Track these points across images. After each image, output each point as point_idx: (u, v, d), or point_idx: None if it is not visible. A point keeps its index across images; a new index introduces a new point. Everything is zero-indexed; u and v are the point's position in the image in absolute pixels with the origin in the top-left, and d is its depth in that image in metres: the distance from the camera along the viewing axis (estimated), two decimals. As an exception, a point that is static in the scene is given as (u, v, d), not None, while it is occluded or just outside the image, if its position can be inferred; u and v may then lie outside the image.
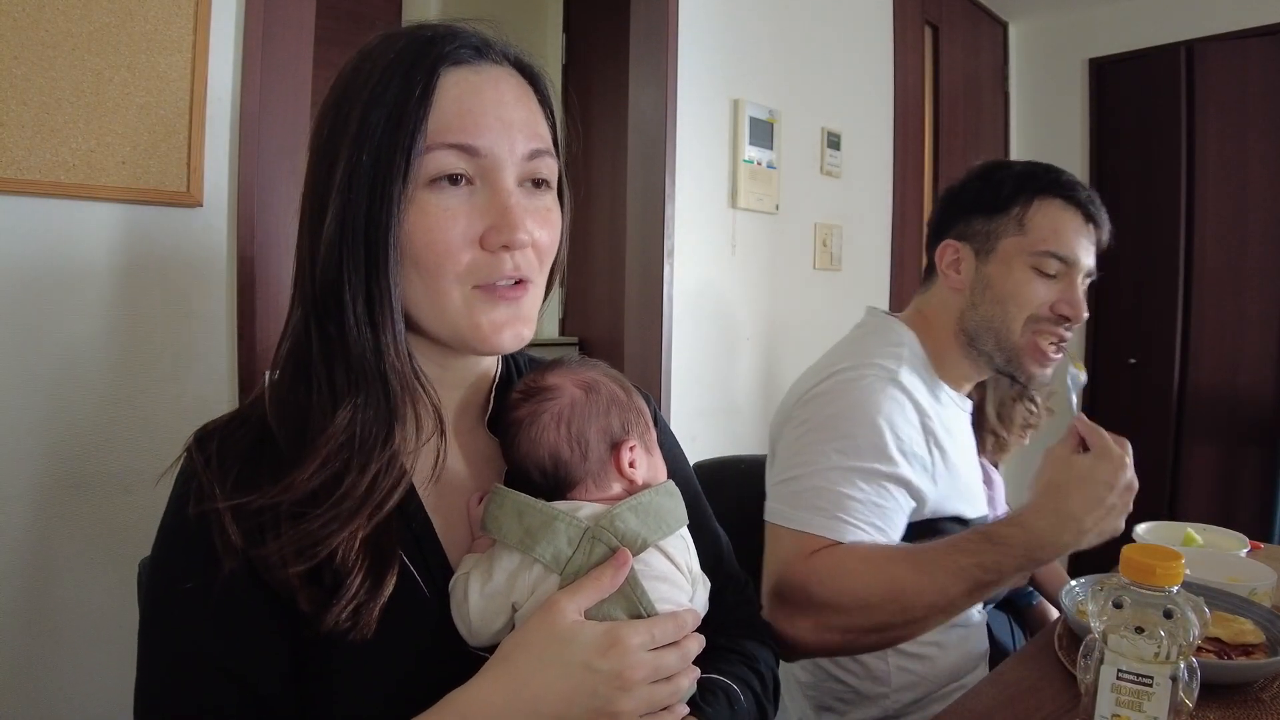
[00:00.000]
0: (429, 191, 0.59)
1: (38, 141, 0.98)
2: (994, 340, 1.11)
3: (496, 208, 0.60)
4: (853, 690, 1.11)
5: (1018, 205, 1.11)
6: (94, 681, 1.06)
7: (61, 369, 1.02)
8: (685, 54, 1.87)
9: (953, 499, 1.08)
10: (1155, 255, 3.02)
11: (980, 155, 3.17)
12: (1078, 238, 1.10)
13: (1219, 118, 2.90)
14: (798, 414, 1.08)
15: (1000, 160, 1.21)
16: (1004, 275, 1.10)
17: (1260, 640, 0.86)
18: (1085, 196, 1.12)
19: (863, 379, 1.06)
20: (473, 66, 0.62)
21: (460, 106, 0.60)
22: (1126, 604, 0.61)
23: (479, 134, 0.59)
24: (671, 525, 0.65)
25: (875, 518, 0.98)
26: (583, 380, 0.67)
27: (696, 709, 0.63)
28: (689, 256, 1.90)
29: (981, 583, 0.90)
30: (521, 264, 0.62)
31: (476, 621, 0.59)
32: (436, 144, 0.59)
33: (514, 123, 0.61)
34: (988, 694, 0.81)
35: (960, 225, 1.16)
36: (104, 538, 1.05)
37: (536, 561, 0.59)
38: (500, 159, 0.60)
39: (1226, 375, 2.92)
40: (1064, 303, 1.09)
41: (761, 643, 0.78)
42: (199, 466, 0.59)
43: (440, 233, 0.59)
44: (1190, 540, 1.21)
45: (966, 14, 3.12)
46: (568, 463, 0.64)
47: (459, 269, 0.60)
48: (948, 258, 1.16)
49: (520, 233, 0.60)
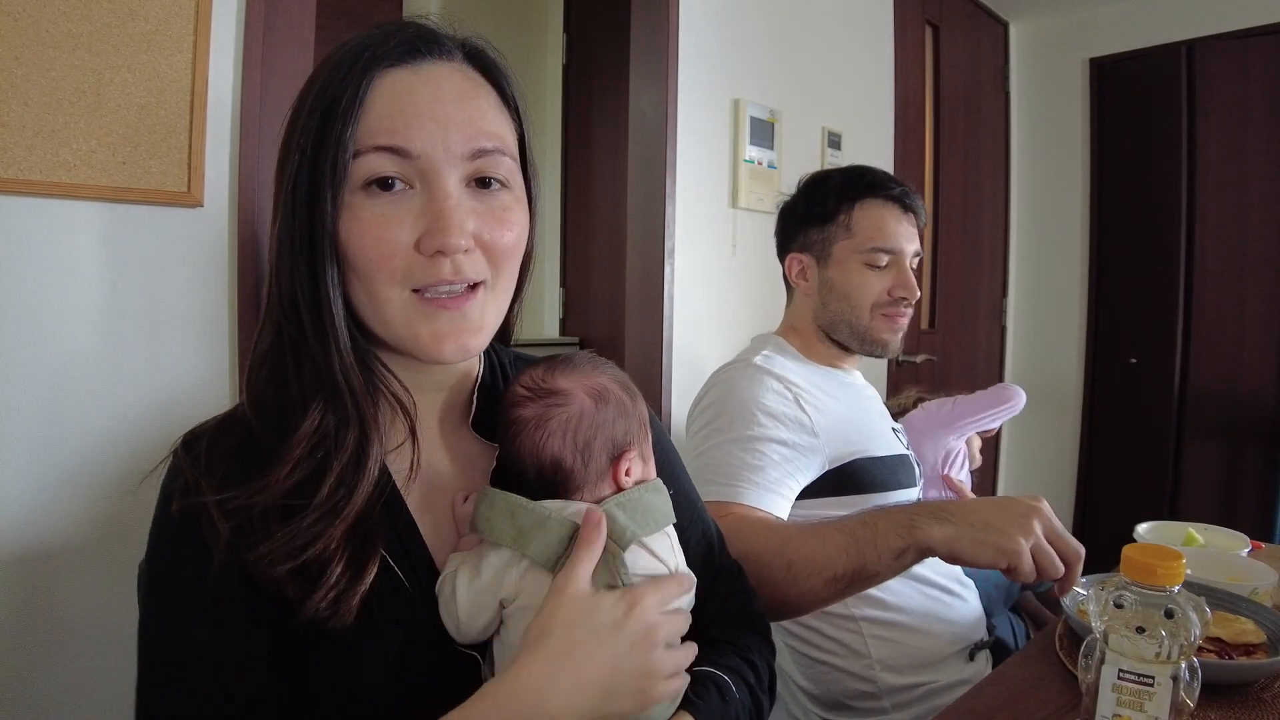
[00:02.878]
0: (362, 196, 0.58)
1: (38, 142, 0.98)
2: (848, 330, 1.28)
3: (432, 211, 0.58)
4: (842, 671, 1.16)
5: (842, 212, 1.28)
6: (94, 682, 1.06)
7: (62, 369, 1.02)
8: (686, 54, 1.87)
9: (851, 443, 1.19)
10: (1156, 255, 3.02)
11: (981, 155, 3.20)
12: (899, 228, 1.26)
13: (1219, 117, 2.90)
14: (689, 420, 1.26)
15: (822, 172, 1.37)
16: (843, 276, 1.27)
17: (1261, 640, 0.86)
18: (899, 191, 1.28)
19: (726, 375, 1.24)
20: (411, 66, 0.60)
21: (392, 108, 0.58)
22: (1128, 604, 0.61)
23: (410, 136, 0.58)
24: (659, 521, 0.65)
25: (754, 475, 1.08)
26: (594, 388, 0.66)
27: (687, 702, 0.63)
28: (690, 256, 1.90)
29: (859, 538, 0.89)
30: (465, 268, 0.60)
31: (464, 618, 0.59)
32: (366, 147, 0.58)
33: (452, 122, 0.59)
34: (989, 693, 0.81)
35: (800, 238, 1.33)
36: (104, 538, 1.05)
37: (526, 559, 0.60)
38: (434, 160, 0.58)
39: (1227, 375, 2.92)
40: (898, 287, 1.26)
41: (755, 633, 0.77)
42: (185, 465, 0.59)
43: (372, 238, 0.58)
44: (1191, 540, 1.21)
45: (967, 14, 3.12)
46: (569, 470, 0.63)
47: (394, 275, 0.59)
48: (795, 269, 1.34)
49: (454, 236, 0.58)
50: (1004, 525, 0.80)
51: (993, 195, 3.31)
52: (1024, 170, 3.39)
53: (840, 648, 1.17)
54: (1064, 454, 3.26)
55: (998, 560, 0.79)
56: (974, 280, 3.21)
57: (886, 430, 1.29)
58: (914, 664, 1.15)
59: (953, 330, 3.10)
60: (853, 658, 1.16)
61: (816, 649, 1.19)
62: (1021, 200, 3.40)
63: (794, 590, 0.91)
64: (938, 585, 1.22)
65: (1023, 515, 0.80)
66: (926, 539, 0.84)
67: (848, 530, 0.91)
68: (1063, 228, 3.28)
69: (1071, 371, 3.26)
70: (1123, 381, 3.12)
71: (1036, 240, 3.36)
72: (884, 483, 1.19)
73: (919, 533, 0.85)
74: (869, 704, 1.15)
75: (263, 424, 0.61)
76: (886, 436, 1.27)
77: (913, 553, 0.86)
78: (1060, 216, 3.29)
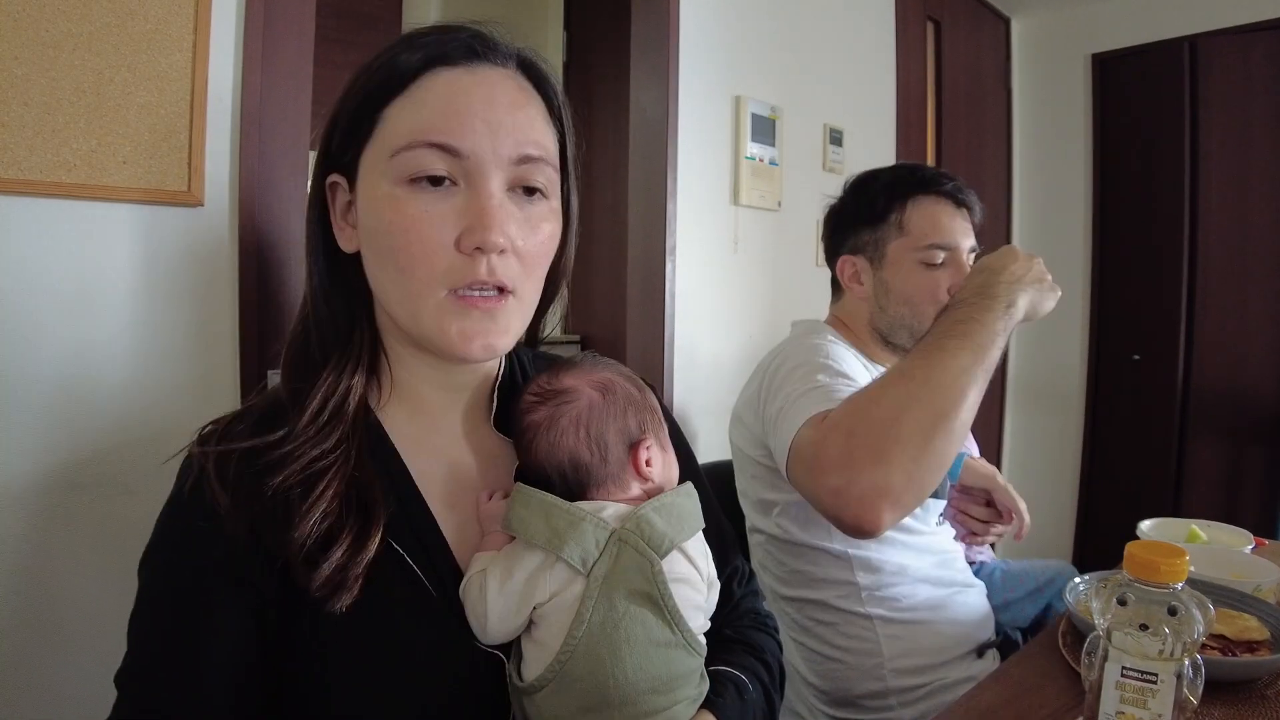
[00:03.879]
0: (406, 190, 0.59)
1: (39, 142, 0.98)
2: (908, 334, 1.24)
3: (475, 209, 0.59)
4: (853, 669, 1.16)
5: (894, 211, 1.25)
6: (94, 682, 1.05)
7: (62, 369, 1.02)
8: (686, 51, 1.86)
9: None
10: (1158, 251, 3.01)
11: (983, 151, 3.19)
12: (953, 223, 1.24)
13: (1222, 113, 2.89)
14: (763, 394, 1.15)
15: (869, 172, 1.33)
16: (899, 277, 1.24)
17: (1264, 637, 0.86)
18: (951, 186, 1.25)
19: (801, 345, 1.18)
20: (467, 68, 0.61)
21: (447, 106, 0.59)
22: (1131, 601, 0.60)
23: (462, 135, 0.58)
24: (693, 526, 0.65)
25: (840, 385, 1.05)
26: (598, 381, 0.66)
27: (708, 702, 0.64)
28: (691, 254, 1.90)
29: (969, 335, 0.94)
30: (499, 269, 0.60)
31: (494, 619, 0.59)
32: (418, 141, 0.58)
33: (502, 126, 0.60)
34: (992, 691, 0.81)
35: (851, 240, 1.30)
36: (105, 538, 1.05)
37: (561, 562, 0.59)
38: (482, 160, 0.59)
39: (1231, 372, 2.91)
40: (958, 285, 1.20)
41: (766, 633, 0.78)
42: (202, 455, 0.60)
43: (416, 234, 0.58)
44: (1194, 537, 1.21)
45: (969, 9, 3.11)
46: (588, 465, 0.63)
47: (434, 272, 0.59)
48: (848, 272, 1.30)
49: (495, 234, 0.58)
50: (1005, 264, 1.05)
51: (995, 192, 3.30)
52: (1026, 166, 3.38)
53: (853, 646, 1.17)
54: (1067, 451, 3.25)
55: None
56: (976, 277, 3.20)
57: None
58: (924, 663, 1.15)
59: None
60: (864, 656, 1.16)
61: (828, 646, 1.19)
62: (1024, 196, 3.39)
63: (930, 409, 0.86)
64: (948, 583, 1.22)
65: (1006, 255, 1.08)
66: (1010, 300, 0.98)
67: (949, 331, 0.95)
68: (1065, 224, 3.28)
69: (1074, 368, 3.25)
70: (1125, 378, 3.11)
71: (1039, 237, 3.35)
72: None
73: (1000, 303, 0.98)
74: (876, 701, 1.15)
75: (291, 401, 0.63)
76: None
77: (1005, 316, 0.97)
78: (1062, 213, 3.28)
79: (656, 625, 0.60)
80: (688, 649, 0.62)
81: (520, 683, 0.60)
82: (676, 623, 0.60)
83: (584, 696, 0.57)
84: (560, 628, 0.58)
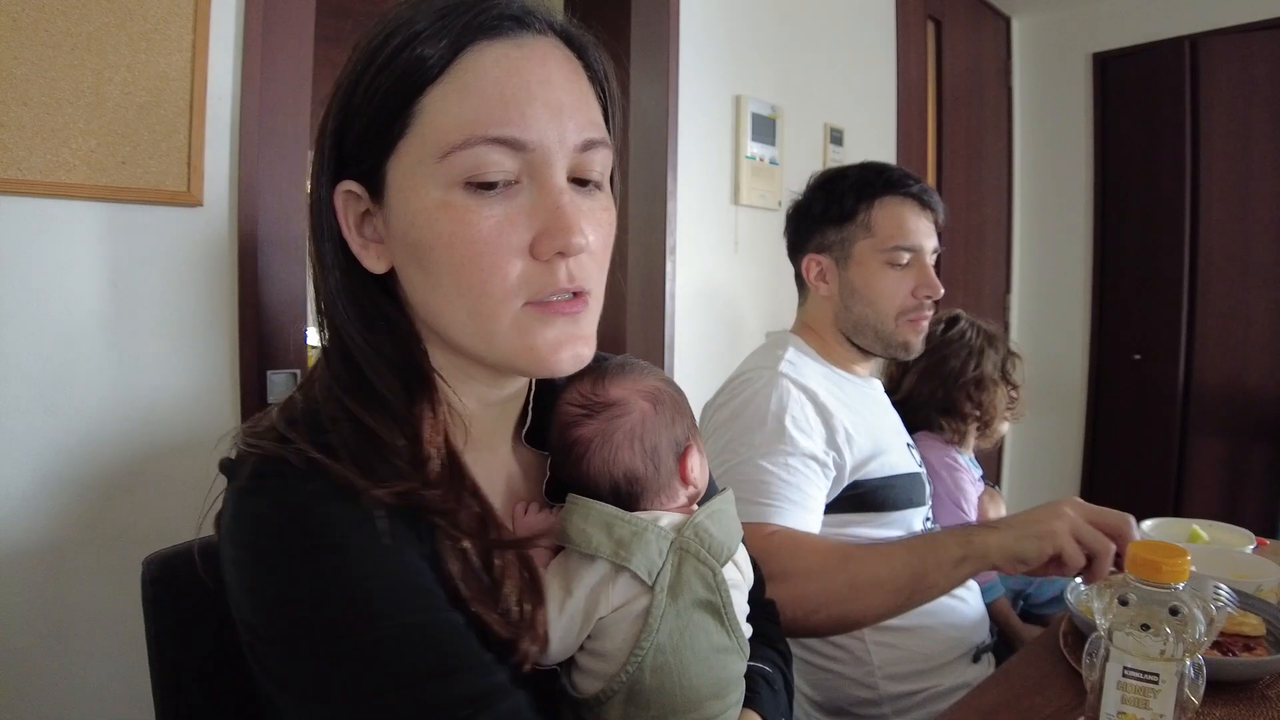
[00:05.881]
0: (463, 195, 0.50)
1: (38, 142, 0.98)
2: (872, 334, 1.25)
3: (547, 208, 0.51)
4: (844, 678, 1.16)
5: (860, 211, 1.24)
6: (95, 681, 1.06)
7: (63, 369, 1.02)
8: (686, 50, 1.86)
9: (870, 460, 1.17)
10: (1160, 250, 3.01)
11: (983, 150, 3.19)
12: (918, 224, 1.24)
13: (1223, 112, 2.89)
14: (707, 427, 1.22)
15: (835, 169, 1.32)
16: (864, 277, 1.24)
17: (1260, 633, 0.86)
18: (917, 188, 1.25)
19: (751, 382, 1.19)
20: (515, 39, 0.51)
21: (502, 90, 0.50)
22: (1132, 601, 0.60)
23: (526, 124, 0.50)
24: (738, 533, 0.65)
25: (789, 492, 1.07)
26: (647, 391, 0.64)
27: (748, 701, 0.63)
28: (691, 254, 1.90)
29: (919, 550, 0.94)
30: (577, 273, 0.53)
31: (556, 642, 0.57)
32: (477, 138, 0.49)
33: (564, 107, 0.51)
34: (992, 691, 0.81)
35: (816, 239, 1.29)
36: (105, 538, 1.05)
37: (624, 572, 0.57)
38: (549, 152, 0.51)
39: (1232, 371, 2.90)
40: (922, 286, 1.23)
41: (771, 620, 0.79)
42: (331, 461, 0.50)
43: (485, 245, 0.50)
44: (1196, 537, 1.21)
45: (969, 8, 3.11)
46: (643, 479, 0.61)
47: (508, 285, 0.51)
48: (813, 272, 1.29)
49: (576, 236, 0.51)
50: (1042, 518, 0.88)
51: (996, 191, 3.30)
52: (1027, 166, 3.38)
53: (843, 654, 1.16)
54: (1068, 451, 3.25)
55: (1044, 545, 0.85)
56: (977, 277, 3.20)
57: (903, 447, 1.27)
58: (916, 670, 1.14)
59: (955, 327, 3.09)
60: (855, 664, 1.15)
61: (819, 655, 1.18)
62: (1025, 196, 3.39)
63: (856, 606, 0.93)
64: None
65: (1055, 506, 0.89)
66: (983, 546, 0.89)
67: (908, 545, 0.95)
68: (1066, 224, 3.27)
69: (1075, 368, 3.25)
70: (1127, 378, 3.11)
71: (1040, 236, 3.35)
72: (896, 501, 1.18)
73: (976, 542, 0.90)
74: (869, 710, 1.15)
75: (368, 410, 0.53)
76: (903, 454, 1.25)
77: (971, 562, 0.90)
78: (1064, 212, 3.28)
79: (717, 631, 0.60)
80: (740, 653, 0.62)
81: (578, 695, 0.58)
82: (734, 628, 0.61)
83: (653, 707, 0.57)
84: (626, 639, 0.57)
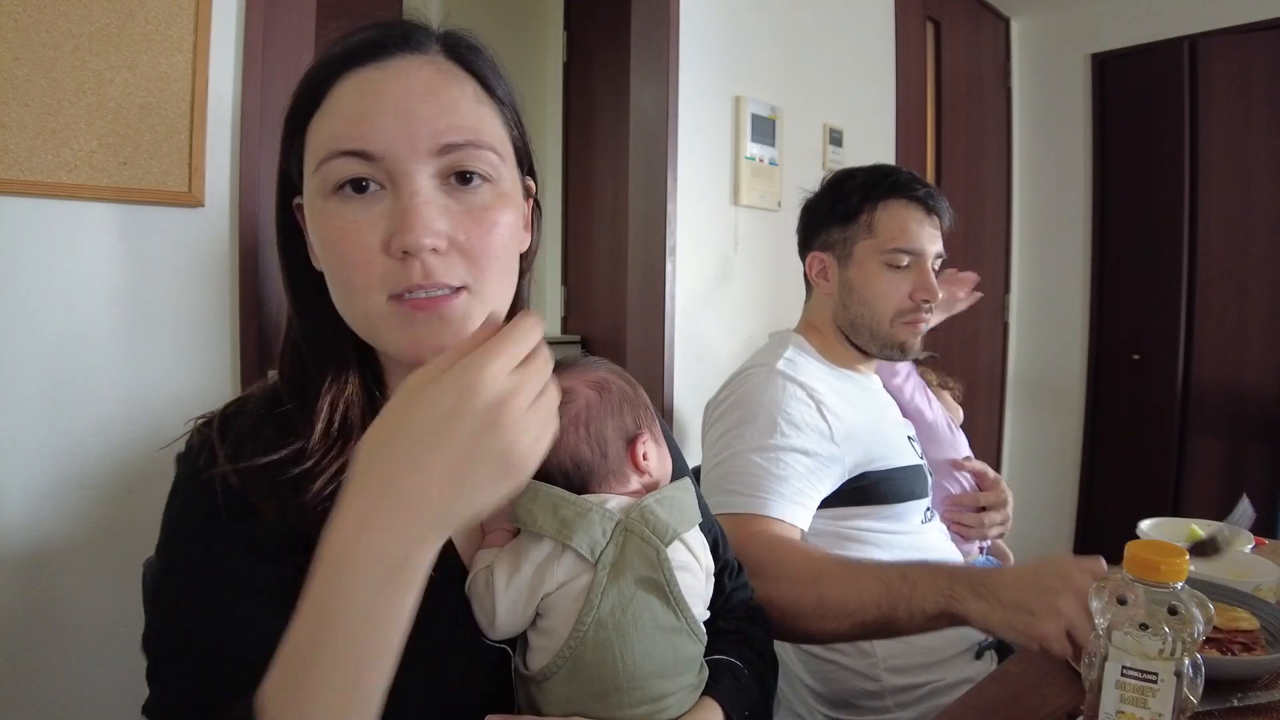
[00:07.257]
0: (334, 203, 0.57)
1: (39, 142, 0.98)
2: (868, 334, 1.27)
3: (398, 210, 0.56)
4: (848, 670, 1.17)
5: (865, 212, 1.26)
6: (95, 681, 1.06)
7: (63, 369, 1.02)
8: (686, 51, 1.86)
9: (870, 453, 1.19)
10: (1159, 250, 3.01)
11: (983, 151, 3.19)
12: (921, 229, 1.25)
13: (1222, 112, 2.89)
14: (706, 421, 1.26)
15: (846, 170, 1.33)
16: (863, 277, 1.26)
17: (1254, 627, 0.86)
18: (923, 192, 1.26)
19: (750, 378, 1.21)
20: (378, 64, 0.58)
21: (355, 109, 0.57)
22: (1131, 600, 0.60)
23: (371, 137, 0.56)
24: (692, 519, 0.67)
25: (779, 485, 1.08)
26: (594, 381, 0.68)
27: (707, 689, 0.65)
28: (691, 254, 1.90)
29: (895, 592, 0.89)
30: (436, 270, 0.56)
31: (503, 614, 0.60)
32: (331, 153, 0.56)
33: (416, 116, 0.56)
34: (991, 691, 0.81)
35: (822, 236, 1.31)
36: (106, 538, 1.05)
37: (568, 550, 0.60)
38: (399, 158, 0.56)
39: (1231, 371, 2.91)
40: (919, 289, 1.24)
41: (756, 623, 0.80)
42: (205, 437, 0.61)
43: (348, 244, 0.56)
44: (1194, 536, 1.21)
45: (968, 9, 3.11)
46: (589, 463, 0.65)
47: (371, 280, 0.57)
48: (815, 268, 1.32)
49: (417, 234, 0.54)
50: (1035, 607, 0.78)
51: (994, 191, 3.30)
52: (1026, 166, 3.38)
53: (848, 646, 1.17)
54: (1067, 450, 3.25)
55: (1028, 644, 0.79)
56: (976, 276, 3.21)
57: (903, 439, 1.28)
58: (920, 663, 1.15)
59: (954, 327, 3.08)
60: (859, 656, 1.16)
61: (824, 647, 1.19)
62: (1023, 196, 3.39)
63: (818, 626, 0.92)
64: None
65: (1054, 592, 0.77)
66: (963, 611, 0.84)
67: (885, 581, 0.90)
68: (1065, 224, 3.28)
69: (1074, 368, 3.25)
70: (1126, 377, 3.11)
71: (1039, 236, 3.35)
72: (898, 494, 1.19)
73: (956, 604, 0.85)
74: (873, 703, 1.15)
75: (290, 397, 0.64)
76: (904, 446, 1.26)
77: (946, 619, 0.86)
78: (1062, 212, 3.28)
79: (662, 611, 0.62)
80: (690, 635, 0.64)
81: (527, 672, 0.61)
82: (681, 609, 0.63)
83: (594, 682, 0.59)
84: (569, 616, 0.59)
